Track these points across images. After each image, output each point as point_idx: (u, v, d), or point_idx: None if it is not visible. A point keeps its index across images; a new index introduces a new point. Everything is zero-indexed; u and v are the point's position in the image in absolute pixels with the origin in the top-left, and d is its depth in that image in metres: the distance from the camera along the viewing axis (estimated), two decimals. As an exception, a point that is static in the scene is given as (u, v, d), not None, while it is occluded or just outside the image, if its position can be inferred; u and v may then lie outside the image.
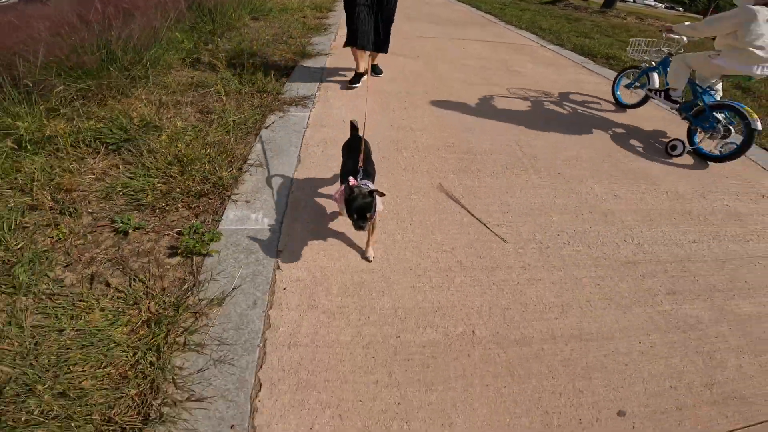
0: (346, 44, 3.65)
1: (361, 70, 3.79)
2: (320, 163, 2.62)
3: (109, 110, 2.76)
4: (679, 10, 38.25)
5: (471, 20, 8.15)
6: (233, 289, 1.70)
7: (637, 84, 3.92)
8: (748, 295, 2.07)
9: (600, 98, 4.40)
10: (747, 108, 2.91)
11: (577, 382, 1.57)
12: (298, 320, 1.65)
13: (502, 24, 7.99)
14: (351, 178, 1.76)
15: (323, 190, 2.39)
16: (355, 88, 3.79)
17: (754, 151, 3.49)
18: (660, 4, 43.72)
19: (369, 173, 1.90)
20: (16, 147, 2.36)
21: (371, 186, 1.76)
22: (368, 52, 3.73)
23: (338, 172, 2.13)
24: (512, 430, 1.39)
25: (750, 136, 2.87)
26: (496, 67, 5.06)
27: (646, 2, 39.94)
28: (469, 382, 1.52)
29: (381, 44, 3.69)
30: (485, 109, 3.80)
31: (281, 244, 1.98)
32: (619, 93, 4.16)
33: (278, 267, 1.84)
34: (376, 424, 1.37)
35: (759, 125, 2.85)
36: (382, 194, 1.68)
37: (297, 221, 2.13)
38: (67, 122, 2.56)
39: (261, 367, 1.47)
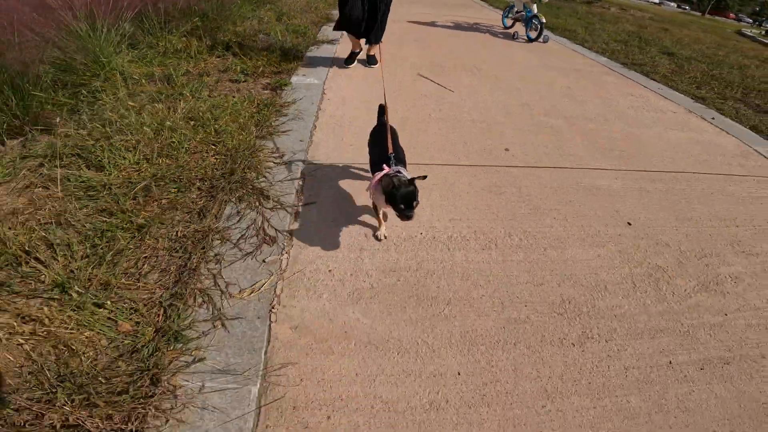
0: (335, 27, 3.74)
1: (356, 49, 3.95)
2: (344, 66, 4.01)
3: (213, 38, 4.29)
4: (685, 9, 38.50)
5: (462, 3, 9.27)
6: (300, 99, 3.06)
7: (509, 15, 6.76)
8: (591, 121, 3.36)
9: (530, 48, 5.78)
10: (540, 14, 5.85)
11: (483, 135, 2.86)
12: (335, 109, 2.97)
13: (490, 8, 9.29)
14: (385, 166, 1.66)
15: (347, 72, 3.75)
16: (349, 67, 3.91)
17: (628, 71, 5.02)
18: (671, 3, 43.54)
19: (400, 158, 1.77)
20: (161, 54, 3.88)
21: (406, 173, 1.63)
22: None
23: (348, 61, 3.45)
24: (446, 145, 2.66)
25: (542, 26, 5.80)
26: (470, 31, 6.44)
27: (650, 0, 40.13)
28: (426, 131, 2.83)
29: (375, 30, 3.62)
30: (455, 48, 5.19)
31: (325, 87, 3.35)
32: (505, 21, 6.95)
33: (324, 93, 3.21)
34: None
35: (544, 20, 5.81)
36: (424, 177, 1.55)
37: (333, 80, 3.50)
38: (190, 40, 4.08)
39: (315, 125, 2.75)
